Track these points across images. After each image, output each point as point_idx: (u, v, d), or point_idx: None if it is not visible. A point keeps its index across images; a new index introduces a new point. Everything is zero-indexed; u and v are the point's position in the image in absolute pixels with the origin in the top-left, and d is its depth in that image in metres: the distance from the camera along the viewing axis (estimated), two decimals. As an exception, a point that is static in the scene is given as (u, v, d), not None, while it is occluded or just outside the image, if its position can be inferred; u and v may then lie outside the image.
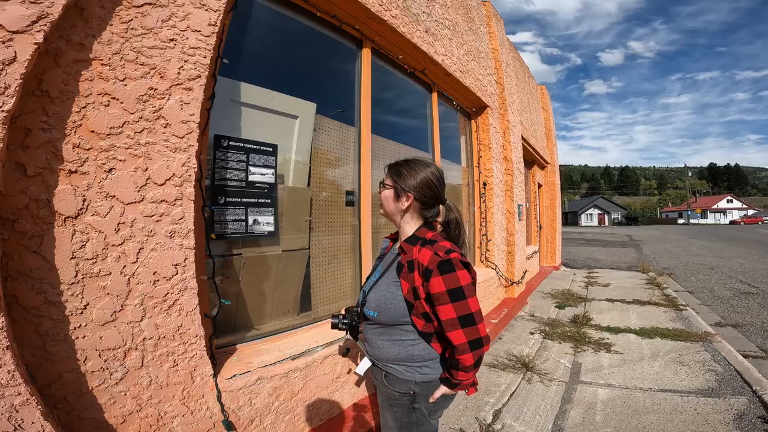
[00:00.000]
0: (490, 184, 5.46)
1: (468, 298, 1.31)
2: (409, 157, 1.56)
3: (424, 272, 1.33)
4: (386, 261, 1.57)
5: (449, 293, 1.29)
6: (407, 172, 1.48)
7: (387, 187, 1.51)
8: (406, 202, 1.49)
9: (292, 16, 2.62)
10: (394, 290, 1.41)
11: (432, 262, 1.32)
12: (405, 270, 1.40)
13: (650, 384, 3.37)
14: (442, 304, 1.31)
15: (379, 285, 1.48)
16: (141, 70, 1.54)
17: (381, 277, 1.50)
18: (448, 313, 1.31)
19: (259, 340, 2.25)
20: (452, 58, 4.24)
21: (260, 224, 2.21)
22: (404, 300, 1.38)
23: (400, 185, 1.48)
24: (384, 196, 1.52)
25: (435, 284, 1.30)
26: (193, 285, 1.63)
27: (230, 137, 2.07)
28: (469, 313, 1.31)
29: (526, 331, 5.03)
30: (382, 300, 1.42)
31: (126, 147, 1.48)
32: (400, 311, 1.39)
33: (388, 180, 1.51)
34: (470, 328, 1.31)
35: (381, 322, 1.44)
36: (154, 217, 1.53)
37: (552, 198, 10.97)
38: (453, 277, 1.30)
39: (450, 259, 1.32)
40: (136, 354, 1.50)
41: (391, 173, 1.51)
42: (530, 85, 9.22)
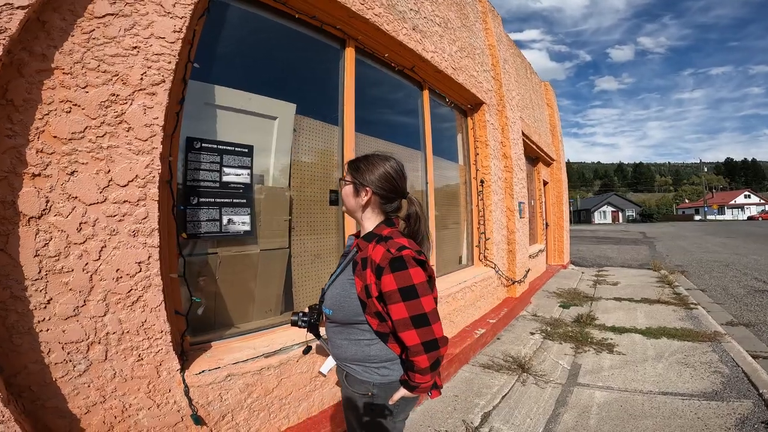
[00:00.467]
0: (488, 182, 5.44)
1: (421, 297, 1.27)
2: (370, 153, 1.56)
3: (376, 269, 1.29)
4: (348, 259, 1.56)
5: (401, 291, 1.26)
6: (365, 167, 1.47)
7: (346, 183, 1.50)
8: (365, 197, 1.46)
9: (271, 18, 2.67)
10: (348, 288, 1.40)
11: (384, 259, 1.29)
12: (359, 267, 1.38)
13: (651, 386, 3.29)
14: (394, 303, 1.27)
15: (336, 283, 1.47)
16: (103, 77, 1.61)
17: (339, 274, 1.49)
18: (399, 313, 1.27)
19: (236, 337, 2.30)
20: (443, 55, 4.24)
21: (236, 224, 2.27)
22: (358, 298, 1.36)
23: (358, 180, 1.46)
24: (344, 193, 1.51)
25: (386, 282, 1.27)
26: (157, 282, 1.69)
27: (203, 139, 2.14)
28: (422, 313, 1.27)
29: (527, 331, 4.97)
30: (337, 298, 1.42)
31: (88, 151, 1.55)
32: (354, 310, 1.37)
33: (348, 176, 1.50)
34: (424, 329, 1.27)
35: (336, 320, 1.44)
36: (116, 217, 1.59)
37: (558, 195, 10.83)
38: (405, 275, 1.26)
39: (402, 256, 1.28)
40: (99, 347, 1.57)
41: (350, 169, 1.49)
42: (533, 82, 9.14)
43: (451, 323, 4.10)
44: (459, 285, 4.35)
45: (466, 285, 4.46)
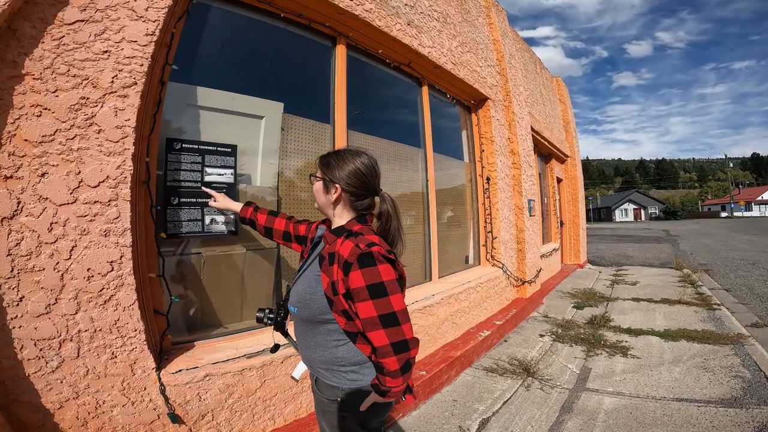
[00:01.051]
0: (494, 179, 5.34)
1: (390, 295, 1.22)
2: (342, 148, 1.53)
3: (344, 265, 1.25)
4: (315, 253, 1.52)
5: (369, 289, 1.21)
6: (335, 163, 1.43)
7: (317, 179, 1.47)
8: (334, 194, 1.43)
9: (256, 17, 2.69)
10: (314, 284, 1.35)
11: (352, 255, 1.24)
12: (326, 262, 1.34)
13: (665, 392, 3.13)
14: (362, 301, 1.22)
15: (302, 278, 1.43)
16: (73, 81, 1.64)
17: (305, 269, 1.45)
18: (367, 311, 1.22)
19: (222, 338, 2.32)
20: (442, 50, 4.19)
21: (219, 223, 2.28)
22: (324, 295, 1.31)
23: (328, 176, 1.43)
24: (315, 189, 1.48)
25: (354, 278, 1.22)
26: (130, 281, 1.71)
27: (183, 140, 2.16)
28: (391, 312, 1.22)
29: (536, 333, 4.82)
30: (303, 294, 1.36)
31: (58, 153, 1.58)
32: (319, 307, 1.32)
33: (318, 172, 1.47)
34: (393, 329, 1.22)
35: (303, 318, 1.39)
36: (87, 217, 1.62)
37: (574, 193, 10.57)
38: (373, 272, 1.22)
39: (371, 252, 1.24)
40: (71, 345, 1.60)
41: (320, 164, 1.46)
42: (543, 77, 8.96)
43: (453, 325, 4.03)
44: (462, 285, 4.27)
45: (470, 285, 4.38)
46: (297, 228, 1.81)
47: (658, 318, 5.26)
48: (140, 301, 1.80)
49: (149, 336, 1.89)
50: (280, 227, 1.88)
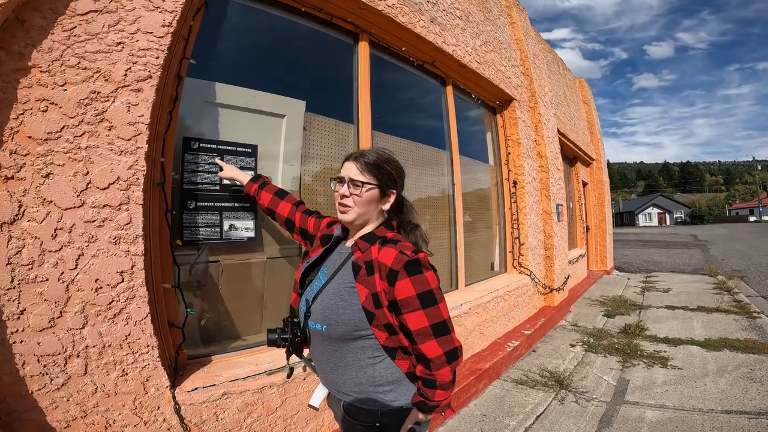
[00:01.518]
0: (522, 183, 5.12)
1: (439, 302, 1.16)
2: (378, 148, 1.39)
3: (389, 274, 1.15)
4: (333, 261, 1.37)
5: (420, 298, 1.13)
6: (387, 165, 1.32)
7: (368, 187, 1.29)
8: (387, 201, 1.34)
9: (276, 13, 2.55)
10: (347, 297, 1.20)
11: (397, 262, 1.15)
12: (362, 272, 1.21)
13: (712, 404, 2.94)
14: (412, 311, 1.14)
15: (328, 291, 1.26)
16: (83, 74, 1.51)
17: (329, 281, 1.28)
18: (419, 322, 1.14)
19: (240, 351, 2.15)
20: (466, 49, 4.02)
21: (238, 230, 2.13)
22: (362, 309, 1.18)
23: (383, 181, 1.31)
24: (367, 198, 1.29)
25: (402, 288, 1.14)
26: (142, 293, 1.56)
27: (201, 139, 2.02)
28: (442, 320, 1.15)
29: (566, 342, 4.61)
30: (333, 309, 1.20)
31: (65, 151, 1.44)
32: (355, 322, 1.18)
33: (367, 176, 1.29)
34: (444, 338, 1.15)
35: (333, 336, 1.21)
36: (95, 223, 1.48)
37: (600, 197, 10.24)
38: (422, 279, 1.14)
39: (418, 258, 1.16)
40: (78, 361, 1.46)
41: (368, 168, 1.29)
42: (566, 78, 8.71)
43: (481, 335, 3.82)
44: (490, 294, 4.06)
45: (498, 294, 4.17)
46: (304, 220, 1.69)
47: (696, 327, 5.01)
48: (153, 314, 1.65)
49: (163, 351, 1.74)
50: (283, 212, 1.78)
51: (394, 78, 3.61)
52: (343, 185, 1.31)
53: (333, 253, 1.41)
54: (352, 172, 1.30)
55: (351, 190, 1.29)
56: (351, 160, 1.33)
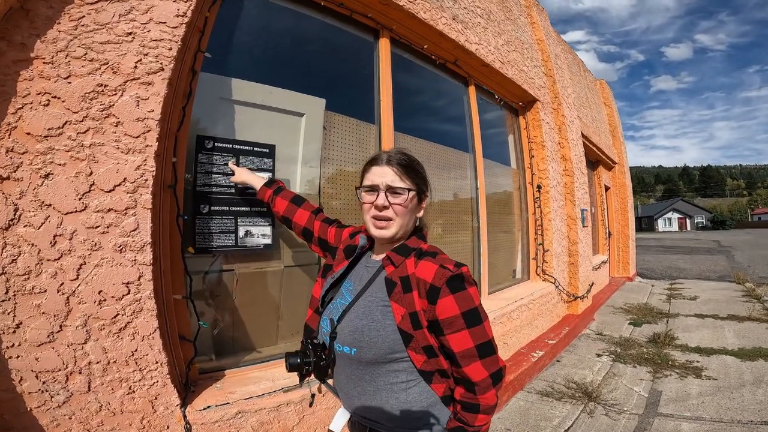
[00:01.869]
0: (546, 187, 4.91)
1: (484, 321, 1.06)
2: (400, 148, 1.25)
3: (429, 291, 1.03)
4: (358, 276, 1.21)
5: (464, 317, 1.02)
6: (419, 167, 1.21)
7: (411, 194, 1.14)
8: (422, 208, 1.23)
9: (294, 8, 2.42)
10: (380, 317, 1.07)
11: (439, 278, 1.03)
12: (398, 289, 1.08)
13: (751, 416, 2.81)
14: (456, 332, 1.03)
15: (356, 311, 1.11)
16: (89, 66, 1.39)
17: (357, 299, 1.13)
18: (463, 343, 1.03)
19: (254, 365, 2.00)
20: (489, 48, 3.85)
21: (254, 236, 1.98)
22: (397, 330, 1.05)
23: (420, 186, 1.19)
24: (411, 207, 1.15)
25: (445, 306, 1.02)
26: (150, 306, 1.41)
27: (216, 138, 1.88)
28: (487, 340, 1.05)
29: (592, 352, 4.43)
30: (364, 331, 1.07)
31: (67, 149, 1.31)
32: (389, 345, 1.05)
33: (406, 181, 1.14)
34: (490, 359, 1.05)
35: (362, 360, 1.08)
36: (99, 229, 1.34)
37: (622, 201, 9.95)
38: (466, 296, 1.04)
39: (462, 273, 1.05)
40: (80, 378, 1.33)
41: (406, 172, 1.15)
42: (587, 80, 8.50)
43: (504, 345, 3.64)
44: (515, 303, 3.88)
45: (522, 303, 3.98)
46: (324, 230, 1.54)
47: (728, 336, 4.84)
48: (163, 328, 1.52)
49: (173, 367, 1.61)
50: (300, 221, 1.63)
51: (416, 77, 3.46)
52: (376, 194, 1.14)
53: (357, 266, 1.26)
54: (389, 178, 1.14)
55: (391, 199, 1.13)
56: (383, 164, 1.16)
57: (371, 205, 1.14)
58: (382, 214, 1.13)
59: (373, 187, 1.15)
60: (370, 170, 1.19)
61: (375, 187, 1.14)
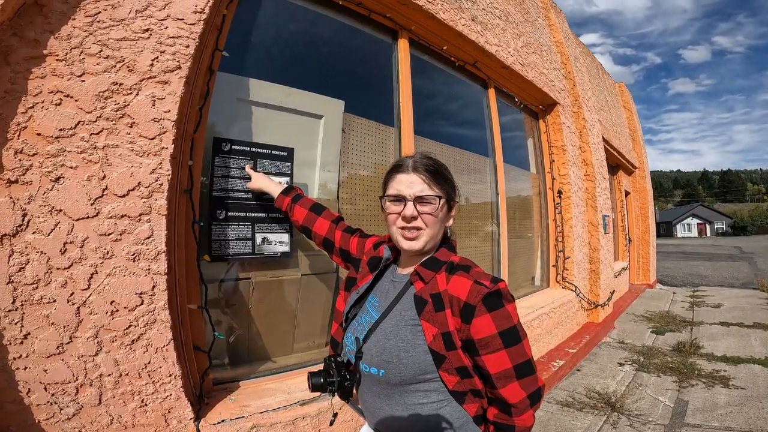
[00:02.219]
0: (567, 192, 4.77)
1: (523, 339, 0.98)
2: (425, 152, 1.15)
3: (463, 310, 0.96)
4: (383, 291, 1.13)
5: (502, 336, 0.95)
6: (447, 173, 1.12)
7: (442, 202, 1.06)
8: (452, 216, 1.15)
9: (312, 8, 2.35)
10: (410, 338, 0.99)
11: (474, 295, 0.96)
12: (429, 308, 1.00)
13: None
14: (492, 352, 0.96)
15: (384, 330, 1.03)
16: (104, 63, 1.32)
17: (384, 317, 1.05)
18: (501, 364, 0.96)
19: (270, 376, 1.92)
20: (508, 50, 3.75)
21: (271, 243, 1.89)
22: (428, 351, 0.98)
23: (450, 193, 1.11)
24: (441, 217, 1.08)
25: (482, 326, 0.95)
26: (164, 317, 1.34)
27: (233, 140, 1.80)
28: (526, 360, 0.97)
29: (614, 361, 4.28)
30: (393, 352, 0.99)
31: (79, 151, 1.25)
32: (420, 366, 0.98)
33: (436, 189, 1.06)
34: (528, 379, 0.97)
35: (391, 382, 1.00)
36: (111, 236, 1.27)
37: (643, 207, 9.70)
38: (504, 314, 0.96)
39: (499, 289, 0.97)
40: (91, 390, 1.26)
41: (435, 179, 1.07)
42: (606, 83, 8.33)
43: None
44: (535, 312, 3.76)
45: (543, 311, 3.85)
46: (345, 240, 1.45)
47: (755, 344, 4.66)
48: (177, 339, 1.44)
49: (187, 380, 1.53)
50: (321, 231, 1.55)
51: (435, 79, 3.38)
52: (403, 204, 1.05)
53: (382, 279, 1.17)
54: (418, 187, 1.05)
55: (420, 208, 1.05)
56: (410, 171, 1.07)
57: (398, 216, 1.06)
58: (411, 225, 1.05)
59: (399, 197, 1.06)
60: (394, 178, 1.10)
61: (401, 197, 1.06)
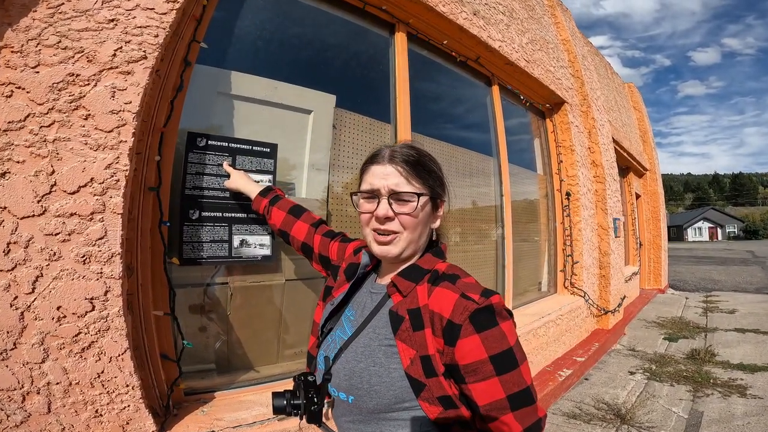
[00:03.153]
0: (576, 194, 4.61)
1: (521, 364, 0.81)
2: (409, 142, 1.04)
3: (446, 329, 0.80)
4: (360, 303, 0.99)
5: (494, 361, 0.78)
6: (433, 165, 0.98)
7: (423, 199, 0.92)
8: (439, 217, 1.01)
9: (303, 0, 2.26)
10: (383, 360, 0.85)
11: (459, 312, 0.80)
12: (406, 326, 0.85)
13: None
14: (482, 380, 0.79)
15: (355, 349, 0.89)
16: (61, 54, 1.23)
17: (357, 334, 0.92)
18: (491, 394, 0.79)
19: (249, 387, 1.81)
20: (513, 46, 3.62)
21: (251, 246, 1.79)
22: (405, 377, 0.83)
23: (435, 189, 0.96)
24: (422, 217, 0.93)
25: (468, 349, 0.79)
26: (118, 325, 1.24)
27: (209, 135, 1.70)
28: (524, 389, 0.80)
29: (624, 369, 4.14)
30: (363, 376, 0.85)
31: (27, 145, 1.15)
32: (394, 394, 0.83)
33: (416, 184, 0.92)
34: (526, 410, 0.79)
35: (363, 409, 0.86)
36: (59, 236, 1.17)
37: (654, 210, 9.46)
38: (497, 335, 0.79)
39: (491, 305, 0.81)
40: (38, 398, 1.17)
41: (416, 172, 0.92)
42: (615, 83, 8.16)
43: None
44: (541, 319, 3.61)
45: (550, 318, 3.71)
46: (325, 245, 1.33)
47: None
48: (141, 347, 1.36)
49: (150, 390, 1.44)
50: (299, 235, 1.41)
51: (435, 75, 3.26)
52: (377, 201, 0.91)
53: (361, 289, 1.03)
54: (393, 180, 0.90)
55: (396, 207, 0.90)
56: (386, 161, 0.92)
57: (371, 216, 0.92)
58: (384, 227, 0.90)
59: (373, 193, 0.92)
60: (369, 170, 0.96)
61: (375, 192, 0.92)
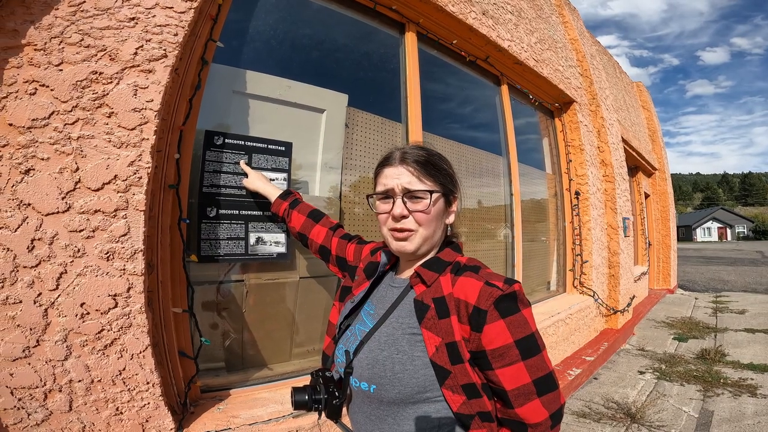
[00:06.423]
0: (585, 193, 4.59)
1: (543, 350, 0.85)
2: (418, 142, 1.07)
3: (472, 315, 0.83)
4: (380, 297, 1.02)
5: (519, 346, 0.82)
6: (443, 163, 1.01)
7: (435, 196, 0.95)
8: (452, 212, 1.04)
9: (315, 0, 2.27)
10: (408, 349, 0.87)
11: (485, 299, 0.83)
12: (431, 314, 0.88)
13: None
14: (508, 365, 0.82)
15: (378, 339, 0.92)
16: (85, 52, 1.25)
17: (379, 325, 0.94)
18: (518, 378, 0.82)
19: (264, 384, 1.82)
20: (522, 45, 3.62)
21: (266, 243, 1.80)
22: (430, 364, 0.85)
23: (447, 186, 1.00)
24: (435, 213, 0.96)
25: (495, 334, 0.82)
26: (140, 321, 1.25)
27: (226, 134, 1.72)
28: (547, 373, 0.84)
29: (633, 368, 4.13)
30: (387, 364, 0.87)
31: (51, 142, 1.17)
32: (418, 382, 0.85)
33: (428, 182, 0.95)
34: (550, 395, 0.83)
35: (384, 400, 0.88)
36: (83, 233, 1.18)
37: (663, 210, 9.39)
38: (520, 321, 0.83)
39: (515, 291, 0.85)
40: (60, 396, 1.18)
41: (427, 171, 0.96)
42: (624, 82, 8.12)
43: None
44: (551, 318, 3.60)
45: (559, 317, 3.69)
46: (342, 247, 1.36)
47: None
48: (160, 344, 1.37)
49: (169, 388, 1.45)
50: (317, 238, 1.45)
51: (445, 74, 3.26)
52: (392, 201, 0.95)
53: (379, 286, 1.06)
54: (405, 180, 0.94)
55: (411, 205, 0.94)
56: (397, 163, 0.97)
57: (388, 216, 0.96)
58: (400, 225, 0.94)
59: (387, 193, 0.96)
60: (382, 173, 1.00)
61: (390, 192, 0.96)
